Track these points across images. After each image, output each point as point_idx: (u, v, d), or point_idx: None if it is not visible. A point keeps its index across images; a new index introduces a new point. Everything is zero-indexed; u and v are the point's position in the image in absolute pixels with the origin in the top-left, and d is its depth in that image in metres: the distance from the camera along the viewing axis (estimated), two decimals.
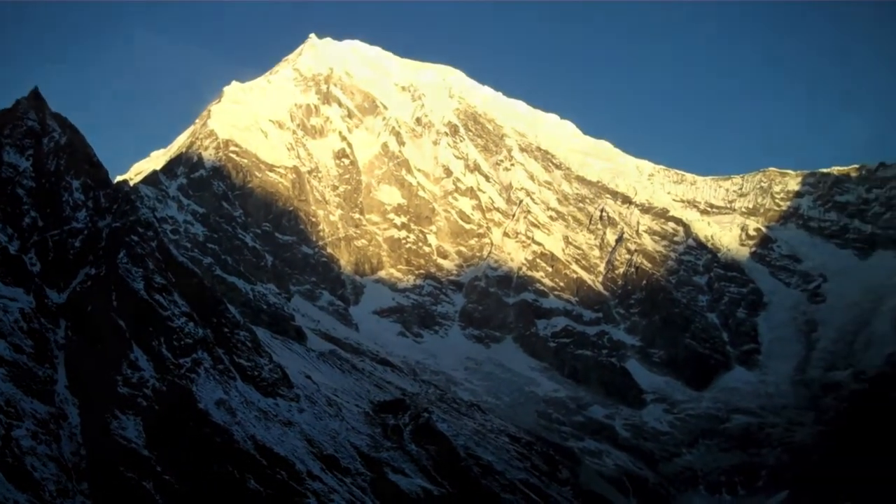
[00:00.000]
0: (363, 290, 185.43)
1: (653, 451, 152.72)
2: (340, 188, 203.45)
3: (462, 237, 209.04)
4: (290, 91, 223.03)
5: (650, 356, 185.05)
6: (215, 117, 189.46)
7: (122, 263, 66.80)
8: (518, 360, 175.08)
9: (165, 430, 57.99)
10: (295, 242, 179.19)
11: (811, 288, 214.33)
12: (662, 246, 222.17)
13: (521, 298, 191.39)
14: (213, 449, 59.41)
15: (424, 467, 78.01)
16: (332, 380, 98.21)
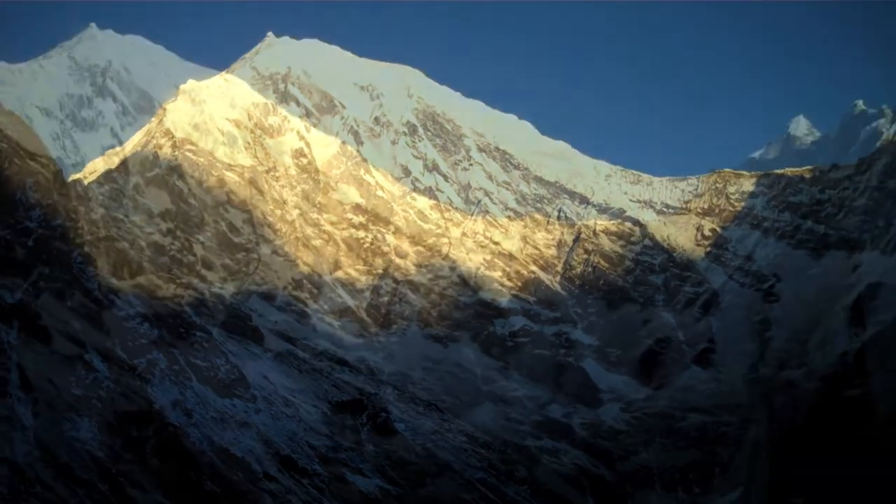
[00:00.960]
0: (321, 290, 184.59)
1: (610, 449, 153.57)
2: (298, 187, 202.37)
3: (420, 237, 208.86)
4: (247, 90, 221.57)
5: (607, 355, 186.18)
6: (171, 115, 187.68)
7: (76, 263, 66.08)
8: (476, 360, 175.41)
9: (120, 431, 57.39)
10: (252, 242, 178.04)
11: (765, 287, 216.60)
12: (619, 246, 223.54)
13: (478, 298, 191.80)
14: (169, 450, 58.89)
15: (382, 467, 77.95)
16: (290, 380, 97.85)
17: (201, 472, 77.92)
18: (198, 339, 75.75)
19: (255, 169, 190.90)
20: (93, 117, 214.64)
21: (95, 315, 64.22)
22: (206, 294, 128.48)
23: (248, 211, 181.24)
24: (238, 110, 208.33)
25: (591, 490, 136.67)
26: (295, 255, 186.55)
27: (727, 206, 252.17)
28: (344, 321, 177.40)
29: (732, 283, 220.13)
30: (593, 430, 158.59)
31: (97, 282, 65.99)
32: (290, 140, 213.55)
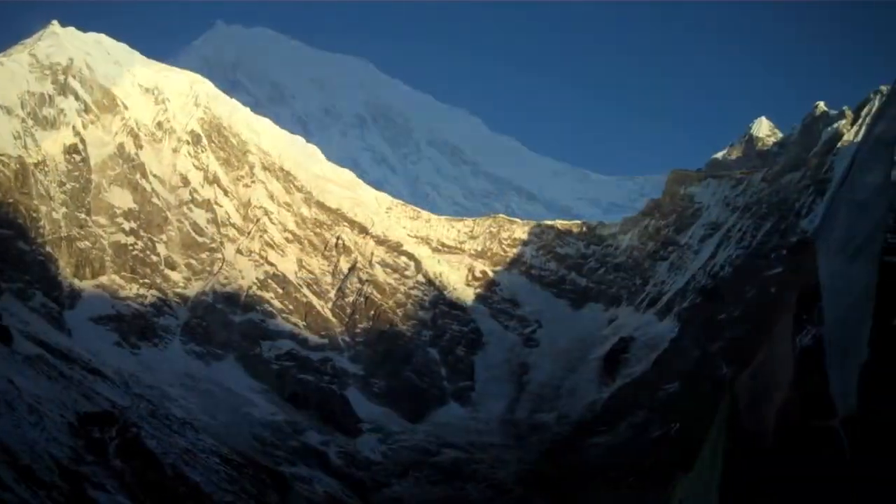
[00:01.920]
0: (81, 295, 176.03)
1: (364, 479, 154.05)
2: (68, 185, 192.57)
3: (193, 249, 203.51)
4: (23, 77, 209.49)
5: (371, 386, 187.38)
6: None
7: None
8: (238, 380, 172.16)
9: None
10: (11, 237, 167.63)
11: (527, 332, 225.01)
12: (393, 279, 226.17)
13: (247, 318, 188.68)
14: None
15: (128, 484, 74.95)
16: (37, 386, 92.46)
17: (165, 473, 73.07)
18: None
19: (23, 160, 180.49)
20: (54, 116, 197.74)
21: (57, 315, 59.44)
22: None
23: (11, 203, 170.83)
24: (11, 97, 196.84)
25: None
26: (56, 255, 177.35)
27: (499, 251, 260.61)
28: (102, 329, 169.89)
29: (497, 326, 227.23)
30: (349, 460, 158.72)
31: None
32: (64, 135, 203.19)
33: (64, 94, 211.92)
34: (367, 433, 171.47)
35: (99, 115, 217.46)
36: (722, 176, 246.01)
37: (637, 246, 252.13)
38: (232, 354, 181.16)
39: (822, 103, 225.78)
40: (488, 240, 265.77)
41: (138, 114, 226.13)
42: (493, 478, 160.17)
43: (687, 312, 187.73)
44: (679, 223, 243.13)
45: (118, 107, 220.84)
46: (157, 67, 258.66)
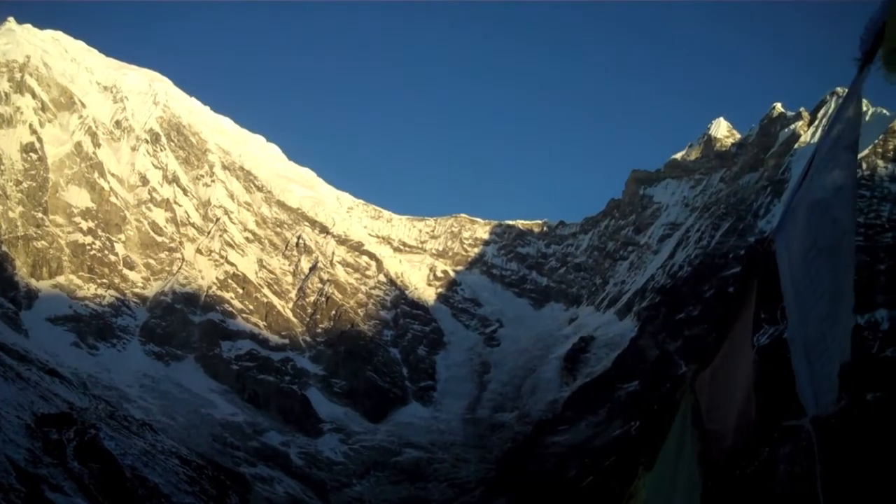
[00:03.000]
0: (37, 295, 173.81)
1: (325, 480, 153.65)
2: (24, 184, 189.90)
3: (152, 249, 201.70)
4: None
5: (332, 386, 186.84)
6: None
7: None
8: (198, 381, 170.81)
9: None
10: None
11: (488, 332, 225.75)
12: (354, 278, 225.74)
13: (207, 318, 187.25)
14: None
15: (86, 486, 74.13)
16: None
17: (124, 474, 71.85)
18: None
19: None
20: (10, 114, 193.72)
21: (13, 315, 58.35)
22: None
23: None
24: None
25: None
26: (13, 255, 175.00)
27: (461, 251, 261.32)
28: (60, 329, 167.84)
29: (459, 325, 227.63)
30: (310, 460, 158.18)
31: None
32: (20, 133, 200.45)
33: (20, 91, 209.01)
34: (329, 433, 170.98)
35: (56, 114, 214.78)
36: (681, 176, 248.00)
37: (597, 246, 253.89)
38: (191, 355, 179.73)
39: (780, 104, 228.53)
40: (450, 239, 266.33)
41: (96, 112, 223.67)
42: (455, 477, 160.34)
43: (646, 312, 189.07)
44: (638, 223, 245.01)
45: (76, 105, 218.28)
46: (116, 65, 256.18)
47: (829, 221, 4.77)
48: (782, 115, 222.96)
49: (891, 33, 4.54)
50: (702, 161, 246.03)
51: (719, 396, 5.57)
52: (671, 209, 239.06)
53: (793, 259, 4.83)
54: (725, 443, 5.38)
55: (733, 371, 5.46)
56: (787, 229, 5.03)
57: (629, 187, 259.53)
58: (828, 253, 4.73)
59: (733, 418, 5.31)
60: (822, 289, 4.71)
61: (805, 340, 4.67)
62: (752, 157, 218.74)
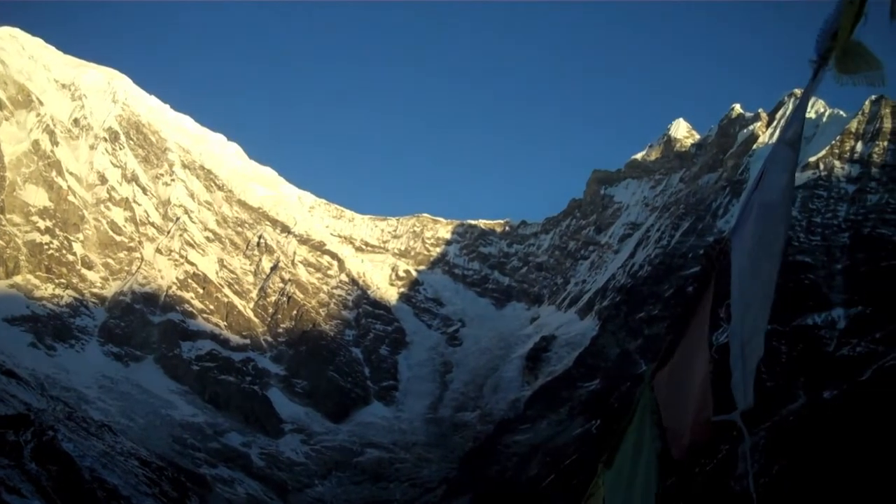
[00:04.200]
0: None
1: (286, 481, 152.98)
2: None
3: (111, 249, 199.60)
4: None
5: (293, 386, 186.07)
6: None
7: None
8: (157, 382, 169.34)
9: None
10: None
11: (450, 331, 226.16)
12: (316, 278, 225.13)
13: (167, 318, 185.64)
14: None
15: (44, 489, 73.29)
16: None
17: (82, 476, 70.71)
18: None
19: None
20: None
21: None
22: None
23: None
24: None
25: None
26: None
27: (423, 250, 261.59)
28: (17, 329, 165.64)
29: (421, 325, 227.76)
30: (271, 461, 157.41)
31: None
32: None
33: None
34: (290, 434, 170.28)
35: (13, 111, 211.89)
36: (641, 176, 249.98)
37: (558, 245, 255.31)
38: (151, 355, 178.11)
39: (738, 105, 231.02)
40: (412, 239, 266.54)
41: (54, 110, 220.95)
42: (417, 477, 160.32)
43: (607, 311, 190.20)
44: (599, 223, 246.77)
45: (33, 103, 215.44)
46: (75, 63, 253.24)
47: (774, 222, 4.86)
48: (741, 115, 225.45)
49: (842, 36, 4.61)
50: (662, 161, 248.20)
51: (675, 394, 5.63)
52: (631, 209, 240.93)
53: (742, 258, 4.92)
54: (683, 440, 5.43)
55: (689, 369, 5.52)
56: (742, 229, 5.11)
57: (590, 187, 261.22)
58: (769, 253, 4.83)
59: (690, 416, 5.37)
60: (760, 288, 4.81)
61: (742, 338, 4.78)
62: (711, 157, 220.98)
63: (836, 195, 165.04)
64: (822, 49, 4.76)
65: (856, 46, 4.61)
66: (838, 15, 4.64)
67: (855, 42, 4.62)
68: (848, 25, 4.57)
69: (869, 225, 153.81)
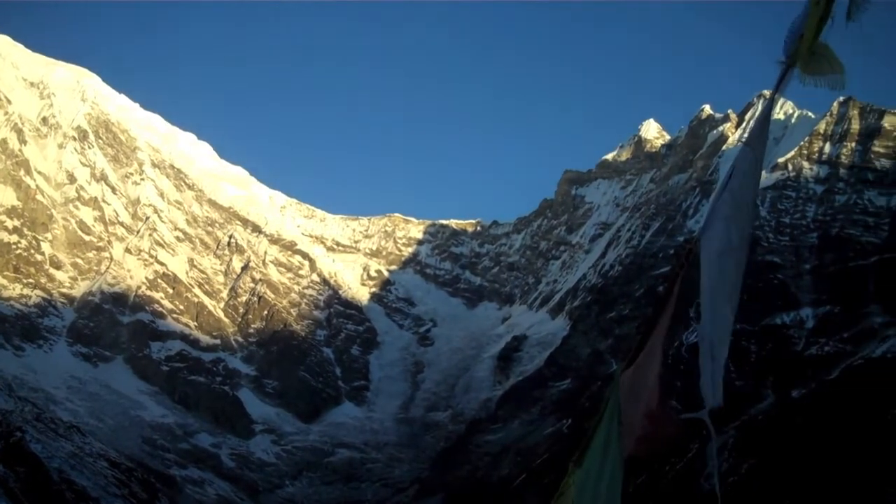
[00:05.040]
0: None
1: (256, 481, 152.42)
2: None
3: (80, 248, 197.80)
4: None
5: (264, 386, 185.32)
6: None
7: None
8: (127, 382, 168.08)
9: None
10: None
11: (422, 331, 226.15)
12: (287, 278, 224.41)
13: (136, 318, 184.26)
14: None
15: (12, 490, 72.59)
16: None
17: (51, 477, 69.73)
18: None
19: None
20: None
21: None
22: None
23: None
24: None
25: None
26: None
27: (394, 250, 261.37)
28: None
29: (392, 325, 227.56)
30: (241, 462, 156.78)
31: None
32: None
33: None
34: (260, 434, 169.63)
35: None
36: (612, 177, 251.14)
37: (530, 245, 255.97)
38: (120, 356, 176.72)
39: (708, 106, 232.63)
40: (383, 239, 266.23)
41: (22, 108, 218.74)
42: (388, 477, 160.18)
43: (578, 311, 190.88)
44: (570, 223, 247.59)
45: (1, 101, 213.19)
46: (44, 61, 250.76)
47: (739, 223, 4.91)
48: (711, 116, 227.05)
49: (808, 37, 4.66)
50: (632, 162, 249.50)
51: (634, 392, 5.68)
52: (602, 209, 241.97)
53: (710, 259, 4.97)
54: (634, 435, 5.48)
55: (650, 367, 5.57)
56: (710, 229, 5.15)
57: (561, 187, 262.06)
58: (736, 254, 4.88)
59: (641, 411, 5.43)
60: (727, 288, 4.86)
61: (711, 338, 4.83)
62: (681, 158, 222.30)
63: (805, 196, 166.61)
64: (789, 50, 4.81)
65: (822, 49, 4.67)
66: (805, 17, 4.68)
67: (821, 44, 4.67)
68: (814, 27, 4.61)
69: (837, 225, 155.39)
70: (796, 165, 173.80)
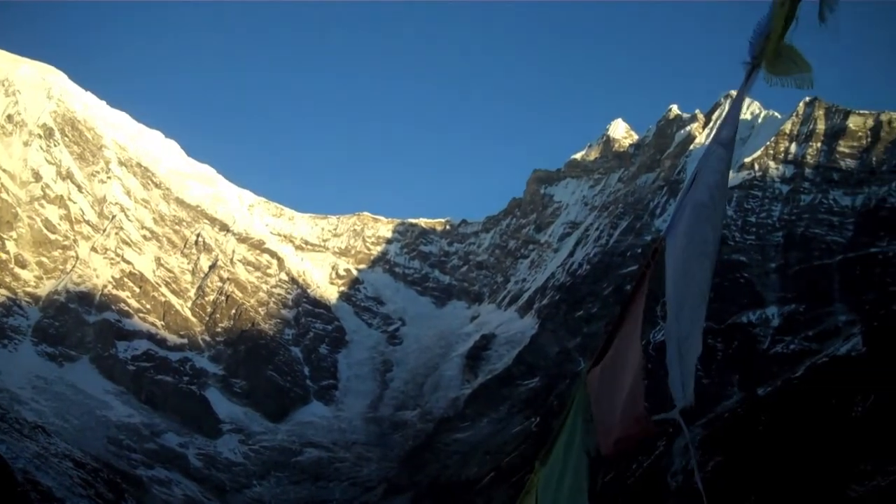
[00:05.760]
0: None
1: (224, 481, 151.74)
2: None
3: (45, 247, 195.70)
4: None
5: (231, 386, 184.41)
6: None
7: None
8: (93, 382, 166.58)
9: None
10: None
11: (390, 330, 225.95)
12: (255, 277, 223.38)
13: (102, 318, 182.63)
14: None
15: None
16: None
17: (15, 478, 69.14)
18: None
19: None
20: None
21: None
22: None
23: None
24: None
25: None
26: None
27: (363, 249, 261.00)
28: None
29: (361, 324, 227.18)
30: (209, 461, 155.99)
31: None
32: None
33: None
34: (228, 434, 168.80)
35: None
36: (581, 176, 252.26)
37: (499, 244, 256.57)
38: (86, 356, 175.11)
39: (676, 106, 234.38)
40: (352, 237, 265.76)
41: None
42: (357, 476, 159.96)
43: (547, 309, 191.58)
44: (539, 222, 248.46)
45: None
46: (9, 58, 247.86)
47: (706, 221, 4.94)
48: (678, 116, 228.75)
49: (773, 37, 4.70)
50: (601, 161, 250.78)
51: (606, 390, 5.69)
52: (571, 208, 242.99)
53: (675, 257, 5.00)
54: (611, 436, 5.49)
55: (621, 366, 5.58)
56: (676, 229, 5.18)
57: (530, 186, 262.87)
58: (702, 252, 4.91)
59: (619, 412, 5.43)
60: (694, 286, 4.88)
61: (678, 337, 4.85)
62: (649, 157, 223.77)
63: (771, 195, 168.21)
64: (755, 51, 4.85)
65: (787, 49, 4.71)
66: (770, 18, 4.72)
67: (786, 45, 4.71)
68: (779, 28, 4.65)
69: (802, 225, 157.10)
70: (762, 165, 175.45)
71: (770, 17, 4.74)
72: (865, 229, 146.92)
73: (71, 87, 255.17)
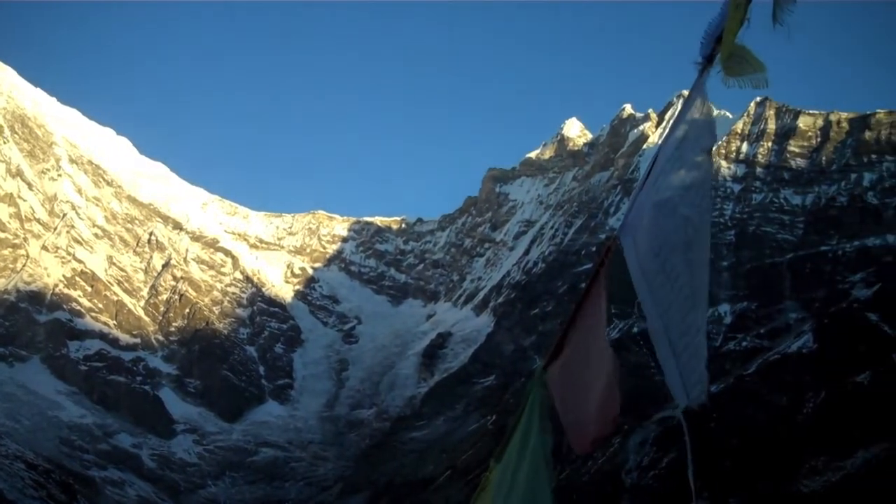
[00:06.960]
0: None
1: (178, 482, 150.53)
2: None
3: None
4: None
5: (186, 386, 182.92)
6: None
7: None
8: (44, 383, 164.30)
9: None
10: None
11: (346, 329, 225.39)
12: (209, 276, 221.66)
13: (53, 317, 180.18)
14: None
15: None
16: None
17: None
18: None
19: None
20: None
21: None
22: None
23: None
24: None
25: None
26: None
27: (318, 247, 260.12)
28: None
29: (316, 322, 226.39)
30: (163, 462, 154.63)
31: None
32: None
33: None
34: (182, 434, 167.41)
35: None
36: (535, 175, 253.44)
37: (454, 243, 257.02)
38: (37, 356, 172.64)
39: (629, 106, 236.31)
40: (307, 236, 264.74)
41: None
42: (313, 475, 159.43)
43: (502, 308, 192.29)
44: (495, 220, 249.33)
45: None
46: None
47: (679, 220, 4.94)
48: (632, 116, 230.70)
49: (728, 38, 4.74)
50: (555, 160, 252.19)
51: (573, 388, 5.68)
52: (526, 207, 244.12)
53: (642, 256, 5.00)
54: (587, 434, 5.47)
55: (586, 363, 5.58)
56: (633, 227, 5.19)
57: (485, 185, 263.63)
58: (682, 250, 4.90)
59: (593, 410, 5.41)
60: (680, 284, 4.88)
61: (667, 333, 4.84)
62: (603, 156, 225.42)
63: (723, 194, 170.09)
64: (706, 52, 4.90)
65: (740, 50, 4.76)
66: (723, 18, 4.77)
67: (740, 46, 4.76)
68: (734, 29, 4.70)
69: (754, 223, 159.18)
70: (714, 164, 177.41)
71: (723, 18, 4.78)
72: (815, 228, 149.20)
73: (20, 83, 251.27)
